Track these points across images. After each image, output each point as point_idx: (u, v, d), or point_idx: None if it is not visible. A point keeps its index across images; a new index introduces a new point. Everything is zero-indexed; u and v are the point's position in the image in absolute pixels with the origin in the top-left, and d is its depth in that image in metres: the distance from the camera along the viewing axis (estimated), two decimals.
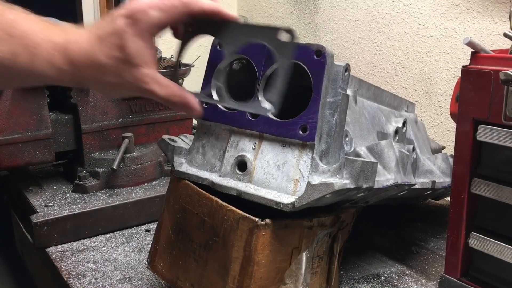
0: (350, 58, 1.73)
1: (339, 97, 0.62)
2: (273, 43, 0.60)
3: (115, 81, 0.60)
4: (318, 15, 1.84)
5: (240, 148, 0.67)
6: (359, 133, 0.75)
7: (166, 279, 0.73)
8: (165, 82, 0.61)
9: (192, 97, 0.63)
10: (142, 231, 1.05)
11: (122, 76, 0.59)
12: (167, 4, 0.59)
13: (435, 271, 0.90)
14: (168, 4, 0.59)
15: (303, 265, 0.67)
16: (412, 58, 1.53)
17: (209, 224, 0.66)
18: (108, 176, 1.13)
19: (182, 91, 0.62)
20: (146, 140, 1.23)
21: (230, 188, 0.65)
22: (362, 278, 0.87)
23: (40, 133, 1.10)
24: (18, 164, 1.09)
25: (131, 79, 0.59)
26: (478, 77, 0.68)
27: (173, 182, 0.73)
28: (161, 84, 0.60)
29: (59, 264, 0.91)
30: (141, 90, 0.60)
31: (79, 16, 2.01)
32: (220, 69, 0.70)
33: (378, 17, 1.62)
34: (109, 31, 0.59)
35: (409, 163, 0.78)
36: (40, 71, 0.59)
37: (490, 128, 0.67)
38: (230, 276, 0.63)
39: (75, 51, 0.59)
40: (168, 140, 0.75)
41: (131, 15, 0.58)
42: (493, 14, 1.30)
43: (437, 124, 1.49)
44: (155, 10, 0.58)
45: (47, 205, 1.04)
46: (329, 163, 0.62)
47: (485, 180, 0.71)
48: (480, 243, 0.72)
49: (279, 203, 0.60)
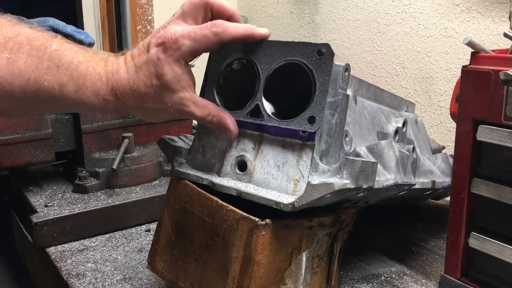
0: (350, 58, 1.73)
1: (339, 97, 0.62)
2: (310, 60, 0.61)
3: (156, 107, 0.63)
4: (318, 15, 1.84)
5: (240, 148, 0.67)
6: (359, 133, 0.75)
7: (166, 279, 0.73)
8: (202, 102, 0.63)
9: (228, 118, 0.65)
10: (142, 231, 1.05)
11: (162, 102, 0.62)
12: (198, 34, 0.60)
13: (435, 271, 0.90)
14: (199, 34, 0.60)
15: (303, 265, 0.67)
16: (412, 58, 1.53)
17: (209, 224, 0.66)
18: (108, 176, 1.13)
19: (218, 110, 0.64)
20: (146, 140, 1.23)
21: (230, 188, 0.65)
22: (362, 278, 0.87)
23: (40, 133, 1.10)
24: (18, 164, 1.09)
25: (171, 104, 0.62)
26: (478, 77, 0.68)
27: (173, 182, 0.73)
28: (199, 105, 0.63)
29: (59, 264, 0.91)
30: (182, 112, 0.63)
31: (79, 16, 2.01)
32: (220, 69, 0.70)
33: (378, 17, 1.62)
34: (144, 60, 0.61)
35: (409, 163, 0.78)
36: (86, 101, 0.62)
37: (490, 128, 0.67)
38: (230, 276, 0.63)
39: (116, 81, 0.62)
40: (168, 140, 0.75)
41: (163, 44, 0.60)
42: (493, 14, 1.30)
43: (437, 124, 1.49)
44: (187, 39, 0.60)
45: (47, 205, 1.04)
46: (329, 163, 0.62)
47: (485, 180, 0.71)
48: (480, 243, 0.72)
49: (279, 203, 0.60)
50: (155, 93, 0.61)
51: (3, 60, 0.59)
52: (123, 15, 1.94)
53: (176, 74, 0.60)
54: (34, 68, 0.60)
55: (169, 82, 0.60)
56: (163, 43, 0.60)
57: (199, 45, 0.60)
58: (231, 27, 0.61)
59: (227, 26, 0.60)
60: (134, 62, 0.62)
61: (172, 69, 0.60)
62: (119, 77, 0.62)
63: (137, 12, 1.98)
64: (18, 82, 0.60)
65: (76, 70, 0.61)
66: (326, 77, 0.60)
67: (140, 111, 0.65)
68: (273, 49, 0.64)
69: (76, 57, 0.61)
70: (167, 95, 0.61)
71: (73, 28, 1.19)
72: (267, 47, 0.64)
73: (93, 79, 0.61)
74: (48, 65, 0.60)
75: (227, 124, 0.64)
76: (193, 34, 0.60)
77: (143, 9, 2.00)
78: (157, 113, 0.65)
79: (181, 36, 0.60)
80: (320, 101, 0.61)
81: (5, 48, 0.59)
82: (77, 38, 1.18)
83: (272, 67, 0.64)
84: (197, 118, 0.64)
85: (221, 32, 0.60)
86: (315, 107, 0.61)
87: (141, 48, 0.62)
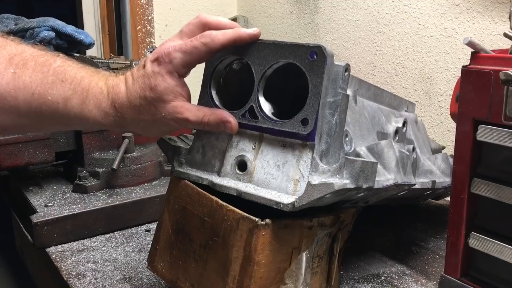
0: (350, 58, 1.73)
1: (339, 97, 0.62)
2: (303, 62, 0.61)
3: (151, 118, 0.64)
4: (318, 15, 1.84)
5: (240, 148, 0.67)
6: (359, 133, 0.75)
7: (166, 279, 0.73)
8: (195, 107, 0.65)
9: (224, 112, 0.65)
10: (142, 231, 1.05)
11: (156, 113, 0.64)
12: (188, 46, 0.62)
13: (435, 271, 0.90)
14: (190, 46, 0.62)
15: (303, 265, 0.67)
16: (412, 58, 1.53)
17: (209, 224, 0.66)
18: (108, 176, 1.13)
19: (213, 110, 0.65)
20: (146, 140, 1.23)
21: (230, 188, 0.65)
22: (362, 278, 0.87)
23: (40, 133, 1.10)
24: (18, 164, 1.09)
25: (165, 114, 0.63)
26: (478, 77, 0.68)
27: (173, 182, 0.73)
28: (192, 110, 0.64)
29: (59, 264, 0.91)
30: (177, 121, 0.64)
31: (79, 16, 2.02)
32: (220, 69, 0.70)
33: (378, 17, 1.62)
34: (141, 74, 0.64)
35: (409, 163, 0.78)
36: (88, 114, 0.64)
37: (490, 128, 0.67)
38: (230, 276, 0.64)
39: (116, 94, 0.64)
40: (168, 140, 0.75)
41: (157, 58, 0.63)
42: (493, 14, 1.30)
43: (437, 124, 1.49)
44: (178, 52, 0.62)
45: (47, 205, 1.04)
46: (329, 163, 0.62)
47: (485, 180, 0.71)
48: (480, 243, 0.72)
49: (279, 203, 0.60)
50: (150, 105, 0.63)
51: (8, 75, 0.61)
52: (123, 15, 1.94)
53: (169, 86, 0.62)
54: (39, 82, 0.61)
55: (162, 93, 0.62)
56: (157, 58, 0.63)
57: (190, 57, 0.62)
58: (218, 34, 0.62)
59: (215, 34, 0.62)
60: (133, 77, 0.64)
61: (165, 81, 0.62)
62: (119, 89, 0.64)
63: (137, 12, 1.98)
64: (23, 97, 0.61)
65: (79, 84, 0.63)
66: (318, 80, 0.60)
67: (138, 125, 0.66)
68: (267, 50, 0.64)
69: (79, 73, 0.64)
70: (160, 105, 0.63)
71: (73, 28, 1.19)
72: (260, 48, 0.65)
73: (95, 92, 0.64)
74: (53, 79, 0.62)
75: (224, 118, 0.65)
76: (183, 46, 0.62)
77: (143, 9, 2.00)
78: (153, 125, 0.66)
79: (173, 50, 0.62)
80: (313, 104, 0.61)
81: (11, 64, 0.61)
82: (77, 38, 1.18)
83: (266, 68, 0.64)
84: (193, 123, 0.65)
85: (209, 42, 0.62)
86: (308, 109, 0.61)
87: (139, 65, 0.65)
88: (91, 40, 1.22)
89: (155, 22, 2.04)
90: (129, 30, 1.96)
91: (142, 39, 2.02)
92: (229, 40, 0.63)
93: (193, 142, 0.72)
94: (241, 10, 2.23)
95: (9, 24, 1.19)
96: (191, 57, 0.62)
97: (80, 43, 1.20)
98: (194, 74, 0.70)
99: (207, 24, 0.64)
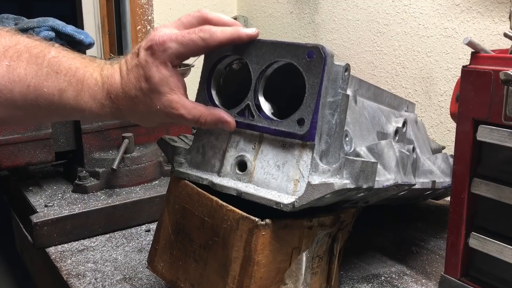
0: (350, 58, 1.73)
1: (339, 97, 0.62)
2: (301, 62, 0.61)
3: (147, 110, 0.63)
4: (318, 15, 1.84)
5: (240, 148, 0.67)
6: (359, 133, 0.75)
7: (166, 279, 0.73)
8: (191, 104, 0.63)
9: (222, 112, 0.65)
10: (142, 231, 1.05)
11: (152, 105, 0.62)
12: (186, 38, 0.61)
13: (435, 271, 0.90)
14: (187, 38, 0.61)
15: (303, 265, 0.67)
16: (412, 58, 1.53)
17: (209, 224, 0.66)
18: (108, 176, 1.13)
19: (210, 109, 0.64)
20: (146, 140, 1.23)
21: (230, 188, 0.65)
22: (362, 278, 0.87)
23: (40, 133, 1.10)
24: (18, 164, 1.09)
25: (160, 107, 0.62)
26: (478, 77, 0.68)
27: (173, 182, 0.73)
28: (188, 107, 0.63)
29: (59, 264, 0.91)
30: (172, 116, 0.63)
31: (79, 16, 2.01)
32: (220, 69, 0.70)
33: (378, 17, 1.62)
34: (135, 63, 0.62)
35: (409, 163, 0.78)
36: (84, 106, 0.63)
37: (490, 128, 0.67)
38: (230, 276, 0.63)
39: (110, 85, 0.63)
40: (168, 140, 0.75)
41: (151, 47, 0.61)
42: (493, 14, 1.30)
43: (437, 124, 1.49)
44: (174, 42, 0.60)
45: (47, 205, 1.04)
46: (329, 163, 0.62)
47: (485, 180, 0.71)
48: (480, 243, 0.72)
49: (279, 203, 0.60)
50: (145, 96, 0.62)
51: (3, 68, 0.60)
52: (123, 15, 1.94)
53: (163, 77, 0.61)
54: (34, 74, 0.61)
55: (157, 85, 0.61)
56: (151, 46, 0.61)
57: (186, 49, 0.61)
58: (218, 32, 0.61)
59: (214, 31, 0.61)
60: (127, 66, 0.63)
61: (159, 71, 0.61)
62: (114, 80, 0.63)
63: (137, 12, 1.98)
64: (18, 89, 0.61)
65: (74, 76, 0.62)
66: (315, 80, 0.60)
67: (134, 115, 0.65)
68: (264, 49, 0.64)
69: (74, 64, 0.63)
70: (155, 97, 0.62)
71: (73, 28, 1.19)
72: (258, 47, 0.64)
73: (90, 83, 0.63)
74: (47, 71, 0.61)
75: (222, 118, 0.64)
76: (180, 37, 0.61)
77: (143, 9, 2.00)
78: (149, 117, 0.65)
79: (168, 39, 0.60)
80: (310, 104, 0.61)
81: (5, 57, 0.60)
82: (77, 38, 1.18)
83: (264, 67, 0.64)
84: (188, 121, 0.63)
85: (208, 37, 0.61)
86: (304, 109, 0.61)
87: (133, 53, 0.64)
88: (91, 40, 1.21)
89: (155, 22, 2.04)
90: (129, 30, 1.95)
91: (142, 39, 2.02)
92: (227, 38, 0.62)
93: (193, 142, 0.72)
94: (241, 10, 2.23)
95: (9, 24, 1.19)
96: (186, 49, 0.61)
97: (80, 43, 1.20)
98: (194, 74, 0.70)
99: (208, 20, 0.63)
